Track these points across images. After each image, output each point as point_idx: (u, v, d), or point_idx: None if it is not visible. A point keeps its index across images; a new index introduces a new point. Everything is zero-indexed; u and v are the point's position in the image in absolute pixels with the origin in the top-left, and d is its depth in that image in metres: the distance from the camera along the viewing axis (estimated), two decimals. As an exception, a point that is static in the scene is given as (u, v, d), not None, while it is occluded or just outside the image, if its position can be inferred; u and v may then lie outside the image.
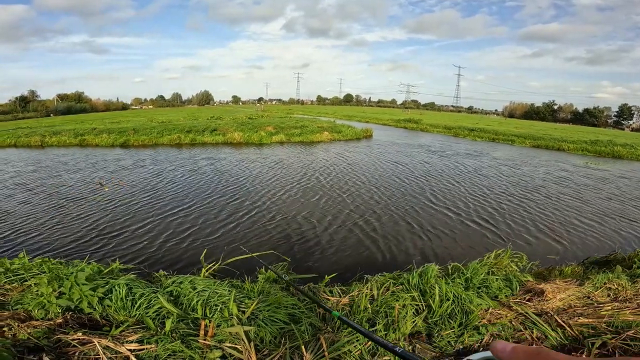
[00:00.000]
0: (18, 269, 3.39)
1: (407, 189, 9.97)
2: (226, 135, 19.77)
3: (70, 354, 2.14)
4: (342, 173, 11.83)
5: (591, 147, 21.54)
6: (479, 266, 4.16)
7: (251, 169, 12.12)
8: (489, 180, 11.64)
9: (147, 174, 11.16)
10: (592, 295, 3.92)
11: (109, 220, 6.92)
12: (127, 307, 2.85)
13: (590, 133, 37.41)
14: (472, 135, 27.08)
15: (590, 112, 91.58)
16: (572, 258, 5.80)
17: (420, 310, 3.40)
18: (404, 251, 5.91)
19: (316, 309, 3.26)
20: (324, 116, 43.00)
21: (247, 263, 4.84)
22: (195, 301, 2.98)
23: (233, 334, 2.59)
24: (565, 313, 3.59)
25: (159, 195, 8.73)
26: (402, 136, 26.03)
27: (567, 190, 10.63)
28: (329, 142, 20.64)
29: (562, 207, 8.69)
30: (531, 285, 4.10)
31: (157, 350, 2.29)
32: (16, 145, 18.21)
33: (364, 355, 2.68)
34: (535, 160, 16.99)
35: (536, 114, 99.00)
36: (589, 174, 13.79)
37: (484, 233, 6.79)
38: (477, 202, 8.83)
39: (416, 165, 13.91)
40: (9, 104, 69.48)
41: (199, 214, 7.39)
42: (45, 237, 6.09)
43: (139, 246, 5.80)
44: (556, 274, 4.73)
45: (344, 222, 7.12)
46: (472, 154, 17.73)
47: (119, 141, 18.23)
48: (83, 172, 11.44)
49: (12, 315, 2.52)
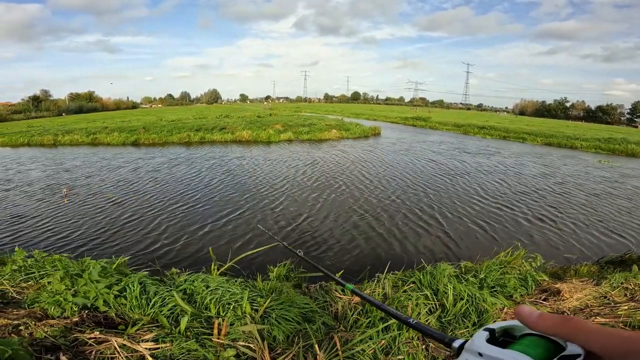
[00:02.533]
0: (32, 265, 3.43)
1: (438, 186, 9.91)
2: (234, 133, 19.85)
3: (87, 352, 2.15)
4: (350, 171, 11.79)
5: (604, 144, 21.12)
6: (493, 265, 4.11)
7: (262, 166, 12.15)
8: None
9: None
10: (609, 295, 3.85)
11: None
12: (142, 306, 2.87)
13: (603, 130, 36.73)
14: (482, 132, 26.75)
15: (603, 110, 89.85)
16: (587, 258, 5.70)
17: (433, 310, 3.37)
18: (416, 249, 5.86)
19: (329, 308, 3.25)
20: (331, 114, 42.90)
21: (258, 261, 4.85)
22: (208, 299, 2.98)
23: (246, 332, 2.58)
24: (582, 313, 3.54)
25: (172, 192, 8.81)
26: (412, 134, 25.83)
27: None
28: (337, 140, 20.58)
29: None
30: (547, 285, 4.03)
31: (172, 349, 2.30)
32: (29, 144, 18.52)
33: (377, 354, 2.65)
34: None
35: (547, 111, 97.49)
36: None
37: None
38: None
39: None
40: (22, 103, 70.57)
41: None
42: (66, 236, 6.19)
43: (148, 243, 5.85)
44: (572, 273, 4.65)
45: (356, 220, 7.09)
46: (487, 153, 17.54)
47: (129, 140, 18.41)
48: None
49: (29, 314, 2.55)
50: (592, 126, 51.85)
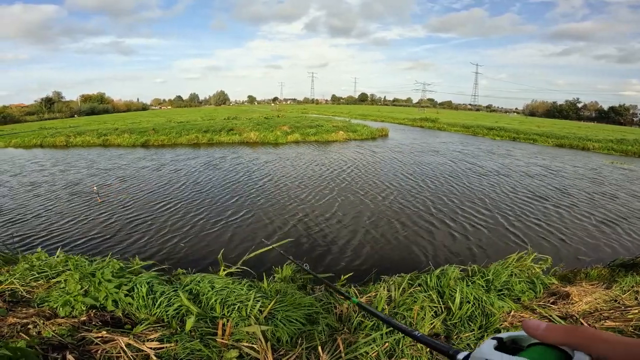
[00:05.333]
0: (42, 265, 3.49)
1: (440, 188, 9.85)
2: (242, 134, 19.97)
3: (93, 352, 2.18)
4: (357, 172, 11.77)
5: (617, 145, 20.72)
6: (501, 268, 4.06)
7: (271, 167, 12.21)
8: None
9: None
10: (619, 298, 3.78)
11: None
12: (148, 305, 2.90)
13: (616, 131, 35.98)
14: (492, 134, 26.46)
15: (615, 110, 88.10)
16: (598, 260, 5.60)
17: (439, 312, 3.34)
18: (422, 252, 5.82)
19: (333, 310, 3.24)
20: (338, 116, 42.87)
21: (264, 262, 4.87)
22: (213, 300, 3.01)
23: (250, 333, 2.59)
24: (592, 316, 3.47)
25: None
26: (419, 135, 25.68)
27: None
28: (344, 141, 20.56)
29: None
30: (556, 288, 3.97)
31: (176, 349, 2.32)
32: (42, 145, 18.87)
33: (380, 356, 2.64)
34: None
35: (559, 112, 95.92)
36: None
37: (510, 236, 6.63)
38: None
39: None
40: (34, 104, 71.85)
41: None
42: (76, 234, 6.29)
43: (163, 242, 5.92)
44: (582, 276, 4.57)
45: (360, 221, 7.07)
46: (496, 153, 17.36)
47: (139, 141, 18.66)
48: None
49: (38, 313, 2.59)
50: (604, 127, 50.90)
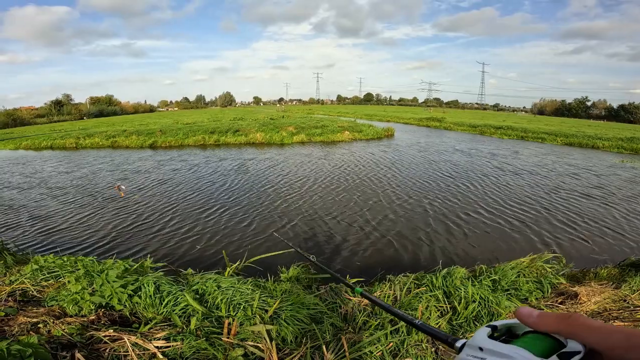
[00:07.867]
0: (52, 266, 3.55)
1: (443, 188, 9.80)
2: (248, 135, 20.05)
3: (102, 350, 2.22)
4: (360, 172, 11.75)
5: (627, 144, 20.40)
6: (509, 268, 4.03)
7: (276, 167, 12.25)
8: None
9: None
10: (629, 298, 3.73)
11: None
12: (155, 305, 2.93)
13: (625, 130, 35.42)
14: (499, 133, 26.20)
15: (625, 108, 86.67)
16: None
17: (444, 312, 3.33)
18: (429, 252, 5.80)
19: (338, 309, 3.25)
20: (344, 116, 42.83)
21: (270, 262, 4.89)
22: (219, 299, 3.03)
23: (255, 332, 2.61)
24: (600, 316, 3.44)
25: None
26: (426, 135, 25.55)
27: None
28: (349, 141, 20.55)
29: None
30: (564, 288, 3.94)
31: (182, 348, 2.35)
32: (52, 147, 19.14)
33: (385, 356, 2.64)
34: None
35: (568, 110, 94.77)
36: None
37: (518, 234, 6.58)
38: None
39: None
40: (44, 107, 72.82)
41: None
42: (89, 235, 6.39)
43: (169, 243, 5.97)
44: (591, 276, 4.52)
45: (365, 221, 7.07)
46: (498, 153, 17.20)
47: (147, 142, 18.85)
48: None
49: (48, 312, 2.64)
50: (613, 125, 50.16)
